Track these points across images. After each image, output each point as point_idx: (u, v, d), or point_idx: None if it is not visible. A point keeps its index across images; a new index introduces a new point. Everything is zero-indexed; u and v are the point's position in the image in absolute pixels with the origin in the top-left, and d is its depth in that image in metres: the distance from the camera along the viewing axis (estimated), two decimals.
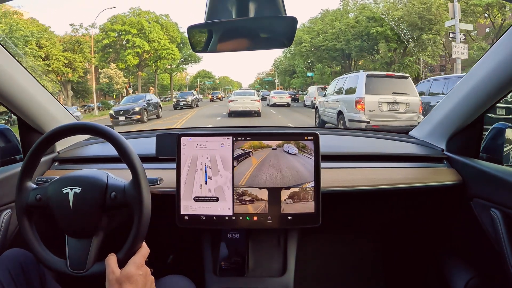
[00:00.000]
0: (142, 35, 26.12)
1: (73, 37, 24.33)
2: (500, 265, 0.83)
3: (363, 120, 5.56)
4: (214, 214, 0.86)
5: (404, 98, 5.60)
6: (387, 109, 5.60)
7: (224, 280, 0.95)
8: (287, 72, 35.90)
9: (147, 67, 29.18)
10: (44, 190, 0.73)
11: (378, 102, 5.57)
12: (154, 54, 27.30)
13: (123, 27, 25.62)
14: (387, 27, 20.60)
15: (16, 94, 0.94)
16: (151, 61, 28.14)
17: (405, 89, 5.71)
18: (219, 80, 58.90)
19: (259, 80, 60.30)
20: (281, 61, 40.11)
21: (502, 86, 0.83)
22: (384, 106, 5.59)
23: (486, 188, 0.90)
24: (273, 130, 1.53)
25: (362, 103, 5.59)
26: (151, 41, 26.35)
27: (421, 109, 5.70)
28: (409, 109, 5.61)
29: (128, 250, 0.69)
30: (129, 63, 26.06)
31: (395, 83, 5.80)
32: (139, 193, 0.70)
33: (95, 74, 25.59)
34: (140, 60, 27.01)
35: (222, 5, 0.72)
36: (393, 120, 5.59)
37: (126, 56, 25.77)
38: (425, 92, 6.95)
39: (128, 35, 25.67)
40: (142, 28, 26.16)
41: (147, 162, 0.98)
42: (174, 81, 40.22)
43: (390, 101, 5.57)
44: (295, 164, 0.86)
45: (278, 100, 16.24)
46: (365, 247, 1.42)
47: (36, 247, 0.72)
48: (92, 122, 0.78)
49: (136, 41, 25.75)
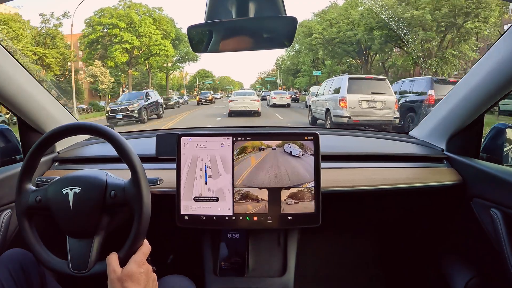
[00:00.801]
0: (131, 29, 23.52)
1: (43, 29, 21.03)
2: (500, 265, 0.83)
3: (345, 116, 6.52)
4: (214, 214, 0.86)
5: (381, 97, 6.55)
6: (366, 106, 6.56)
7: (224, 280, 0.95)
8: (290, 72, 33.62)
9: (138, 65, 26.57)
10: (43, 192, 0.73)
11: (358, 100, 6.53)
12: (146, 51, 24.88)
13: (110, 20, 23.10)
14: (425, 11, 15.69)
15: (16, 94, 0.94)
16: (142, 58, 25.50)
17: (382, 89, 6.67)
18: (219, 80, 57.75)
19: (261, 79, 58.85)
20: (283, 60, 37.98)
21: (502, 86, 0.83)
22: (363, 103, 6.55)
23: (486, 188, 0.90)
24: (273, 130, 1.53)
25: (344, 101, 6.56)
26: (141, 36, 23.72)
27: (396, 106, 6.68)
28: (385, 106, 6.56)
29: (129, 248, 0.69)
30: (117, 60, 23.49)
31: (373, 84, 6.83)
32: (138, 191, 0.70)
33: (75, 72, 22.22)
34: (130, 57, 24.40)
35: (222, 5, 0.72)
36: (371, 115, 6.54)
37: (114, 53, 23.20)
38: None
39: (116, 29, 23.13)
40: (132, 22, 23.54)
41: (147, 162, 0.98)
42: (173, 80, 38.22)
43: (368, 99, 6.55)
44: (295, 164, 0.86)
45: (278, 101, 16.34)
46: (365, 247, 1.42)
47: (37, 249, 0.72)
48: (92, 122, 0.78)
49: (124, 35, 23.10)
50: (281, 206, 0.86)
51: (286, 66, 35.39)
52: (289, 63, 34.04)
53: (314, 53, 24.49)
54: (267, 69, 61.01)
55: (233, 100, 12.06)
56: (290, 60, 32.65)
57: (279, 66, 39.56)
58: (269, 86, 46.64)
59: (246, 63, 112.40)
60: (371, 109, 6.55)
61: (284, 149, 0.87)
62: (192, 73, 48.71)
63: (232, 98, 12.41)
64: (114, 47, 23.33)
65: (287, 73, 34.74)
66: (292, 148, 0.87)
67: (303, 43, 25.03)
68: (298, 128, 2.19)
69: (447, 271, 1.07)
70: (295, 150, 0.87)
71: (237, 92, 14.51)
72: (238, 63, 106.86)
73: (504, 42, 0.80)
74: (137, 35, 23.65)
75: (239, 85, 67.33)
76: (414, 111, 7.06)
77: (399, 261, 1.36)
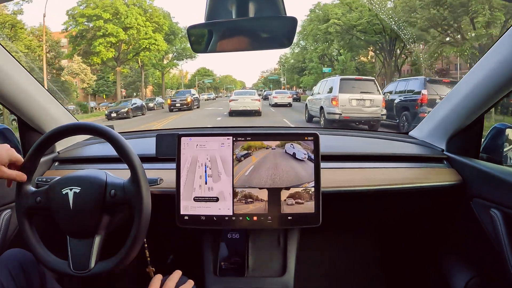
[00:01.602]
0: (116, 21, 20.57)
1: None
2: (500, 265, 0.83)
3: (337, 113, 7.30)
4: (214, 214, 0.86)
5: (369, 96, 7.34)
6: (355, 104, 7.33)
7: (224, 280, 0.95)
8: (295, 70, 31.24)
9: (128, 62, 23.29)
10: (43, 192, 0.73)
11: (349, 99, 7.30)
12: (135, 45, 21.94)
13: (94, 11, 20.13)
14: None
15: (16, 94, 0.94)
16: (131, 54, 22.40)
17: (370, 89, 7.48)
18: (219, 78, 55.92)
19: (263, 78, 56.18)
20: (286, 58, 35.93)
21: (502, 86, 0.83)
22: (353, 102, 7.32)
23: (486, 188, 0.90)
24: (273, 130, 1.53)
25: (336, 100, 7.34)
26: (128, 28, 20.76)
27: (383, 104, 7.47)
28: (373, 104, 7.35)
29: (130, 247, 0.69)
30: (103, 56, 20.61)
31: (362, 84, 7.66)
32: (138, 190, 0.70)
33: (60, 70, 20.63)
34: (118, 52, 21.51)
35: (222, 5, 0.72)
36: (360, 112, 7.33)
37: (97, 47, 20.31)
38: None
39: (100, 20, 20.12)
40: (117, 12, 20.55)
41: (147, 162, 0.98)
42: (173, 79, 36.51)
43: (358, 98, 7.32)
44: (295, 164, 0.86)
45: (280, 100, 16.46)
46: (365, 247, 1.42)
47: (38, 250, 0.72)
48: (92, 122, 0.78)
49: (109, 27, 20.15)
50: (281, 206, 0.86)
51: (290, 64, 33.59)
52: (293, 61, 32.30)
53: (327, 46, 20.58)
54: (270, 68, 59.13)
55: (234, 100, 12.12)
56: (295, 58, 30.91)
57: (282, 64, 37.91)
58: (272, 85, 45.04)
59: (248, 62, 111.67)
60: (360, 106, 7.33)
61: (286, 150, 0.87)
62: (192, 72, 47.16)
63: (233, 97, 12.48)
64: (97, 41, 20.49)
65: (292, 72, 32.66)
66: (296, 150, 0.86)
67: (318, 31, 20.71)
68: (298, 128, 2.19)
69: (447, 271, 1.07)
70: (299, 152, 0.86)
71: (238, 91, 14.55)
72: (240, 62, 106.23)
73: (504, 42, 0.80)
74: (123, 27, 20.66)
75: (241, 84, 66.14)
76: (408, 109, 7.36)
77: (399, 261, 1.36)
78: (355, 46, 19.19)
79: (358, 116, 7.37)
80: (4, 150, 0.70)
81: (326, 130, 1.33)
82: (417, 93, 7.21)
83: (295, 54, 29.77)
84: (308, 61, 25.06)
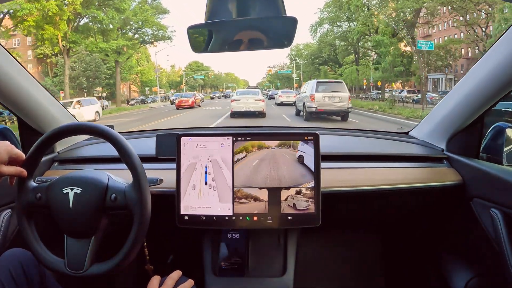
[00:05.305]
0: None
1: None
2: (500, 265, 0.83)
3: (313, 107, 9.89)
4: (214, 214, 0.86)
5: (338, 94, 10.03)
6: (328, 100, 9.96)
7: (224, 280, 0.95)
8: (315, 62, 26.02)
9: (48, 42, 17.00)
10: (44, 189, 0.73)
11: (323, 96, 9.95)
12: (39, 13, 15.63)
13: None
14: None
15: (16, 94, 0.94)
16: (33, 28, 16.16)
17: (340, 89, 10.25)
18: (216, 75, 48.14)
19: (271, 73, 47.47)
20: (298, 50, 30.81)
21: (502, 86, 0.83)
22: (326, 98, 9.95)
23: (486, 188, 0.90)
24: (273, 130, 1.53)
25: (313, 97, 9.93)
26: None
27: (349, 100, 10.22)
28: (341, 100, 9.99)
29: (127, 251, 0.69)
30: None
31: (333, 85, 10.64)
32: (139, 196, 0.70)
33: None
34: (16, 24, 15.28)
35: (222, 5, 0.72)
36: (332, 106, 9.98)
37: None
38: None
39: None
40: None
41: (147, 162, 0.98)
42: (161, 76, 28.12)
43: (329, 95, 9.98)
44: (295, 164, 0.86)
45: (285, 99, 17.69)
46: (365, 247, 1.42)
47: (35, 246, 0.72)
48: (92, 123, 0.78)
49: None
50: (281, 206, 0.86)
51: (309, 51, 28.42)
52: (306, 52, 28.07)
53: (368, 15, 15.83)
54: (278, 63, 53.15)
55: (236, 100, 11.51)
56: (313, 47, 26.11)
57: (293, 58, 33.22)
58: (280, 83, 39.41)
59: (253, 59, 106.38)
60: (331, 102, 9.97)
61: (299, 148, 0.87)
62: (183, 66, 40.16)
63: (235, 97, 11.88)
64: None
65: (311, 64, 27.30)
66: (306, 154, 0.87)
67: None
68: (298, 128, 2.19)
69: (447, 271, 1.07)
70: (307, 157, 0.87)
71: (240, 91, 13.80)
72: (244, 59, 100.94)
73: (504, 42, 0.80)
74: None
75: (244, 84, 62.25)
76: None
77: (399, 261, 1.36)
78: None
79: (330, 109, 10.05)
80: (3, 148, 0.68)
81: (326, 130, 1.33)
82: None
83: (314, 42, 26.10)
84: (377, 43, 18.89)
